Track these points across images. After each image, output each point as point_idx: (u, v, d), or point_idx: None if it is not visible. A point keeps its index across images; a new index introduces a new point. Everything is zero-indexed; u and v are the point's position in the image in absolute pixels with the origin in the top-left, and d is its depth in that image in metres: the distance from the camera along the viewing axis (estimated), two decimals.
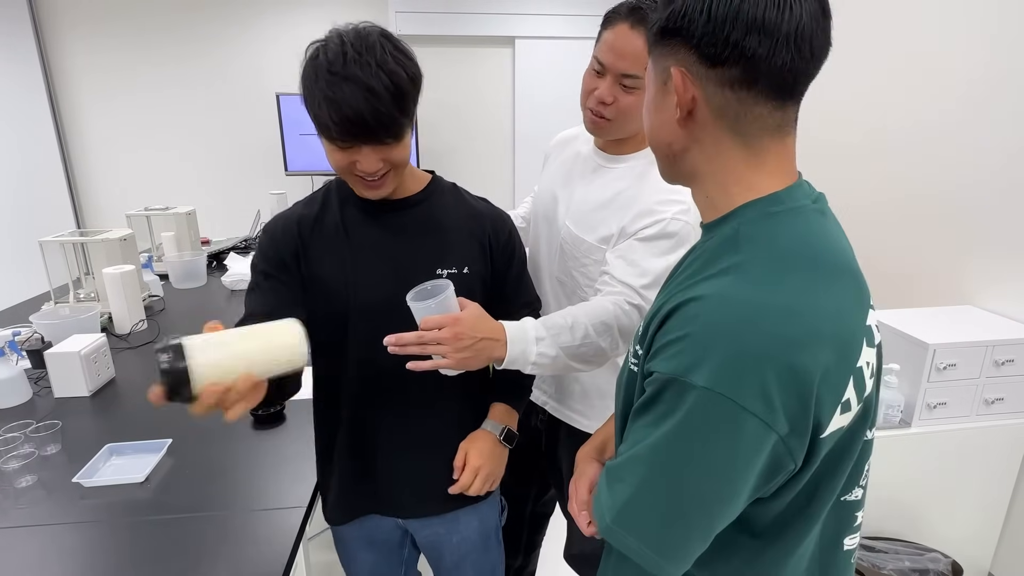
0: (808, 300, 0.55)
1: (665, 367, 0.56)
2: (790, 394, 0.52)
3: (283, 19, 3.80)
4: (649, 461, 0.58)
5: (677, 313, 0.58)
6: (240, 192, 3.95)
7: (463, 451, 1.05)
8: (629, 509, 0.59)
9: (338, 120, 0.83)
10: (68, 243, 2.03)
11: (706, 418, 0.53)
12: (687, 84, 0.59)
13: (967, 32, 1.82)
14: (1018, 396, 1.63)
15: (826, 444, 0.57)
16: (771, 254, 0.58)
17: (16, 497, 1.12)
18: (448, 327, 0.91)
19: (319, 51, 0.86)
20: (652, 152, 0.69)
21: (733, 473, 0.55)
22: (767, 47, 0.55)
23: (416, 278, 0.97)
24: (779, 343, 0.53)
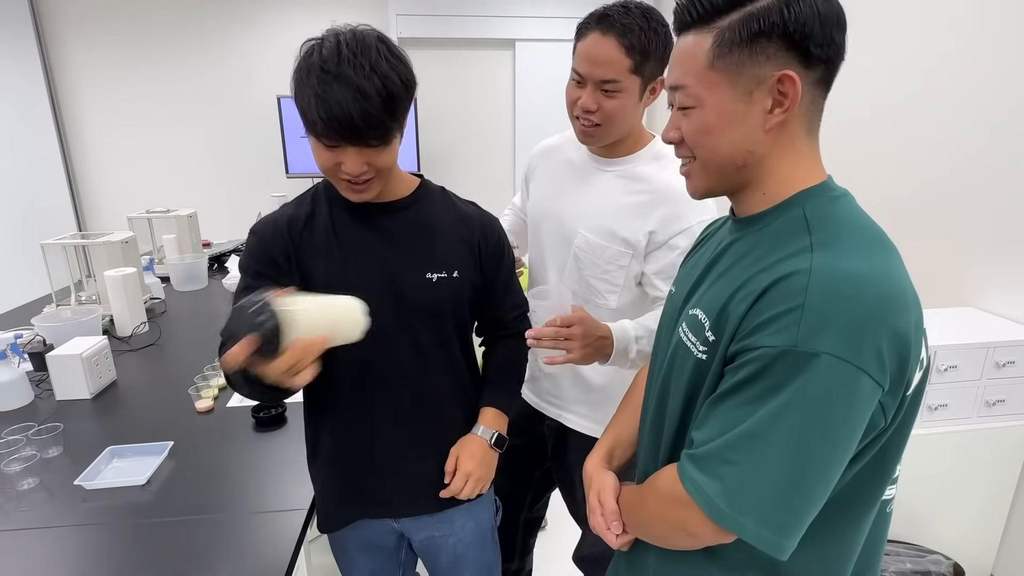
0: (892, 268, 0.60)
1: (777, 340, 0.56)
2: (894, 354, 0.56)
3: (284, 22, 3.81)
4: (763, 435, 0.57)
5: (774, 289, 0.58)
6: (241, 194, 3.95)
7: (454, 456, 1.05)
8: (746, 489, 0.58)
9: (326, 118, 0.83)
10: (69, 246, 2.03)
11: (829, 383, 0.54)
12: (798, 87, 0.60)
13: (969, 35, 1.82)
14: (1019, 398, 1.63)
15: (907, 401, 0.61)
16: (848, 231, 0.61)
17: (18, 500, 1.12)
18: (577, 325, 1.04)
19: (314, 48, 0.86)
20: (709, 168, 0.67)
21: (850, 435, 0.57)
22: (844, 41, 0.61)
23: (406, 281, 0.98)
24: (885, 308, 0.56)
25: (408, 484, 1.06)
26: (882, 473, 0.65)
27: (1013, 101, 1.68)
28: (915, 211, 2.01)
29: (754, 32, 0.59)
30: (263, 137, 3.91)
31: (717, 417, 0.61)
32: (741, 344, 0.59)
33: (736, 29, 0.60)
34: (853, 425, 0.56)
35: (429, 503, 1.07)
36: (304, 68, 0.85)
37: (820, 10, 0.58)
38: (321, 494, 1.09)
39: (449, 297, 1.01)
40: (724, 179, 0.68)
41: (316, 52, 0.85)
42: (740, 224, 0.70)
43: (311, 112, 0.84)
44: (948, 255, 1.91)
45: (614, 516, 0.77)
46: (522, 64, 4.18)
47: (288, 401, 1.44)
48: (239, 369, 0.73)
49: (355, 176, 0.89)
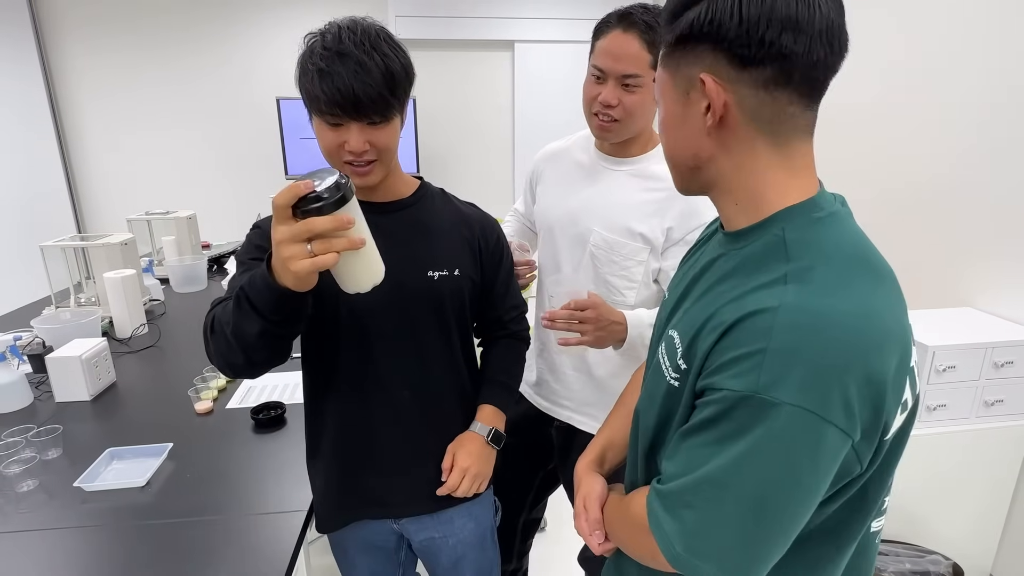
0: (873, 304, 0.56)
1: (737, 384, 0.54)
2: (866, 402, 0.53)
3: (284, 24, 3.82)
4: (723, 483, 0.55)
5: (740, 326, 0.55)
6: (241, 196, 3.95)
7: (451, 453, 1.06)
8: (704, 535, 0.57)
9: (328, 91, 0.85)
10: (69, 247, 2.03)
11: (790, 434, 0.52)
12: (719, 89, 0.58)
13: (969, 35, 1.82)
14: (1018, 398, 1.63)
15: (887, 444, 0.58)
16: (828, 260, 0.57)
17: (17, 501, 1.12)
18: (591, 309, 1.09)
19: (316, 35, 0.89)
20: (670, 163, 0.69)
21: (814, 485, 0.54)
22: (803, 44, 0.56)
23: (408, 279, 0.98)
24: (856, 352, 0.52)
25: (407, 483, 1.06)
26: (864, 509, 0.63)
27: (1014, 101, 1.68)
28: (913, 211, 2.02)
29: (680, 34, 0.60)
30: (262, 139, 3.92)
31: (683, 453, 0.60)
32: (706, 382, 0.58)
33: (669, 32, 0.62)
34: (819, 475, 0.54)
35: (428, 503, 1.07)
36: (307, 51, 0.88)
37: (743, 10, 0.56)
38: (320, 494, 1.09)
39: (450, 294, 1.02)
40: (684, 177, 0.67)
41: (319, 37, 0.88)
42: (726, 239, 0.68)
43: (315, 88, 0.86)
44: (947, 255, 1.91)
45: (596, 525, 0.77)
46: (521, 65, 4.19)
47: (288, 402, 1.45)
48: (285, 213, 0.71)
49: (358, 155, 0.90)
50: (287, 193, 0.70)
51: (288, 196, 0.70)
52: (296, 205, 0.71)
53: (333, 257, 0.72)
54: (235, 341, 0.82)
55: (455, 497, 1.06)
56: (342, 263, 0.75)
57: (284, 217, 0.72)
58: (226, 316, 0.83)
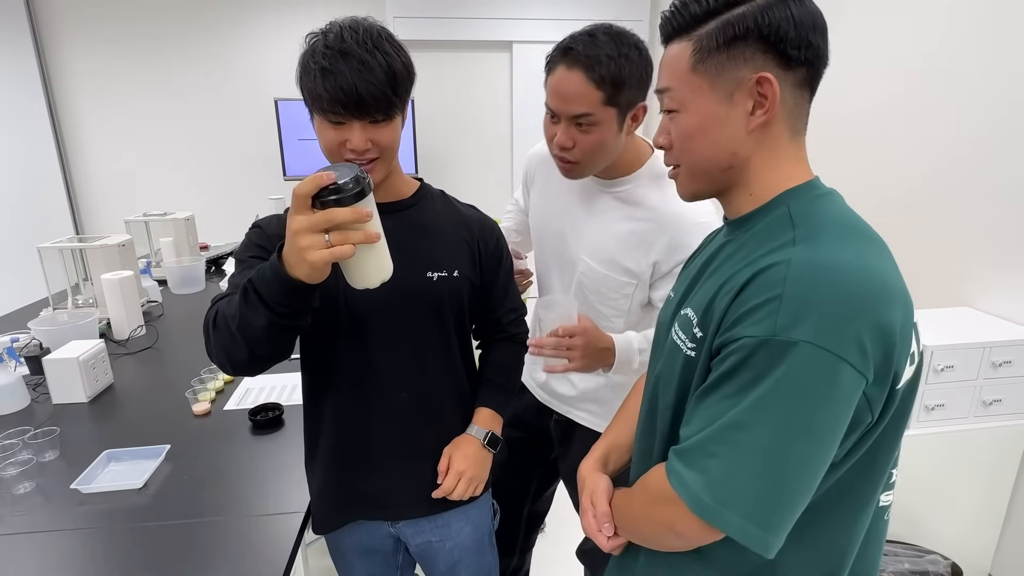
0: (876, 262, 0.60)
1: (756, 330, 0.56)
2: (878, 345, 0.55)
3: (282, 25, 3.82)
4: (744, 425, 0.56)
5: (756, 280, 0.59)
6: (239, 197, 3.95)
7: (447, 456, 1.05)
8: (730, 482, 0.57)
9: (331, 90, 0.85)
10: (67, 249, 2.03)
11: (808, 373, 0.54)
12: (777, 87, 0.62)
13: (968, 35, 1.82)
14: (1016, 397, 1.63)
15: (898, 396, 0.60)
16: (831, 226, 0.62)
17: (14, 503, 1.12)
18: (579, 335, 1.07)
19: (318, 35, 0.89)
20: (695, 171, 0.70)
21: (834, 426, 0.56)
22: (826, 46, 0.63)
23: (407, 280, 0.98)
24: (866, 298, 0.56)
25: (404, 485, 1.06)
26: (873, 472, 0.64)
27: (1011, 100, 1.69)
28: (911, 211, 2.02)
29: (730, 36, 0.62)
30: (260, 140, 3.92)
31: (702, 411, 0.61)
32: (724, 336, 0.60)
33: (714, 35, 0.63)
34: (836, 415, 0.56)
35: (425, 505, 1.07)
36: (309, 50, 0.88)
37: (795, 14, 0.61)
38: (317, 494, 1.09)
39: (449, 296, 1.02)
40: (710, 181, 0.69)
41: (321, 36, 0.89)
42: (731, 227, 0.71)
43: (317, 86, 0.86)
44: (944, 255, 1.91)
45: (605, 518, 0.77)
46: (519, 66, 4.19)
47: (286, 404, 1.44)
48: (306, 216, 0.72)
49: (360, 153, 0.90)
50: (309, 183, 0.71)
51: (310, 186, 0.71)
52: (316, 196, 0.72)
53: (350, 249, 0.73)
54: (240, 335, 0.81)
55: (451, 500, 1.06)
56: (354, 257, 0.75)
57: (303, 207, 0.72)
58: (231, 310, 0.82)
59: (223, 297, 0.89)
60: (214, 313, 0.87)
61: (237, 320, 0.81)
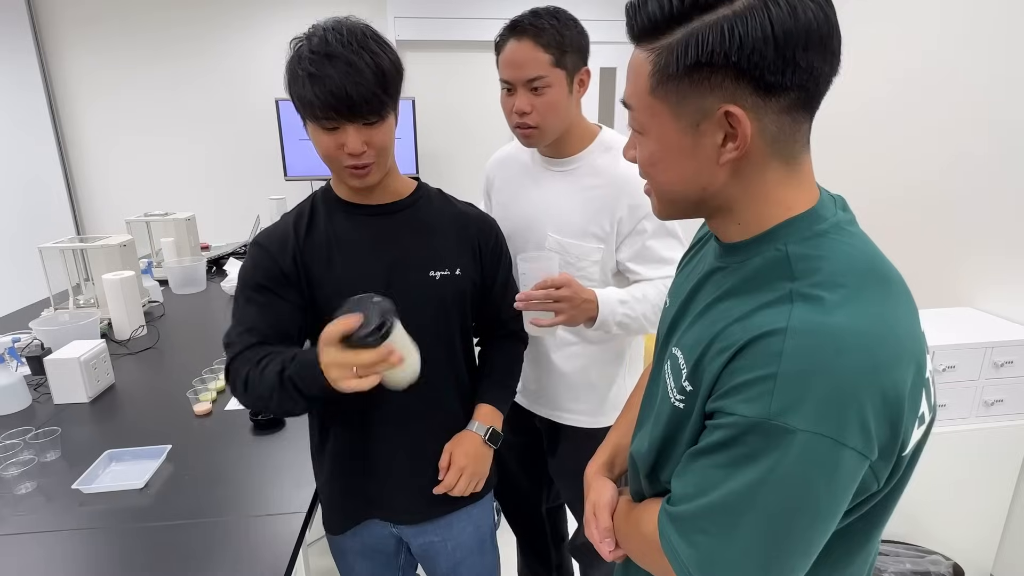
0: (886, 319, 0.53)
1: (748, 410, 0.52)
2: (883, 421, 0.51)
3: (282, 25, 3.82)
4: (737, 510, 0.53)
5: (751, 348, 0.53)
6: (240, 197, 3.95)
7: (448, 452, 1.05)
8: (719, 561, 0.55)
9: (322, 95, 0.84)
10: (68, 249, 2.03)
11: (806, 460, 0.50)
12: (747, 121, 0.52)
13: (967, 34, 1.82)
14: (1018, 397, 1.63)
15: (905, 461, 0.56)
16: (834, 276, 0.54)
17: (15, 504, 1.12)
18: (565, 287, 1.09)
19: (303, 40, 0.89)
20: (663, 197, 0.62)
21: (832, 509, 0.53)
22: (830, 63, 0.52)
23: (410, 280, 0.98)
24: (871, 372, 0.50)
25: (409, 488, 1.06)
26: (876, 522, 0.62)
27: (1012, 100, 1.68)
28: (913, 210, 2.02)
29: (691, 61, 0.51)
30: (261, 140, 3.92)
31: (694, 474, 0.58)
32: (717, 404, 0.56)
33: (675, 55, 0.52)
34: (836, 499, 0.52)
35: (430, 508, 1.07)
36: (295, 57, 0.88)
37: (776, 30, 0.49)
38: (326, 497, 1.09)
39: (452, 294, 1.02)
40: (683, 210, 0.62)
41: (305, 41, 0.88)
42: (723, 250, 0.64)
43: (307, 93, 0.85)
44: (946, 255, 1.91)
45: (607, 533, 0.75)
46: None
47: None
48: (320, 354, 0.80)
49: (357, 156, 0.90)
50: (337, 329, 0.77)
51: (337, 333, 0.77)
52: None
53: (376, 379, 0.80)
54: (277, 410, 0.95)
55: (453, 498, 1.06)
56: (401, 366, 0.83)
57: (332, 344, 0.79)
58: (265, 389, 0.88)
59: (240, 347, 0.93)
60: (244, 381, 0.90)
61: (276, 402, 0.88)
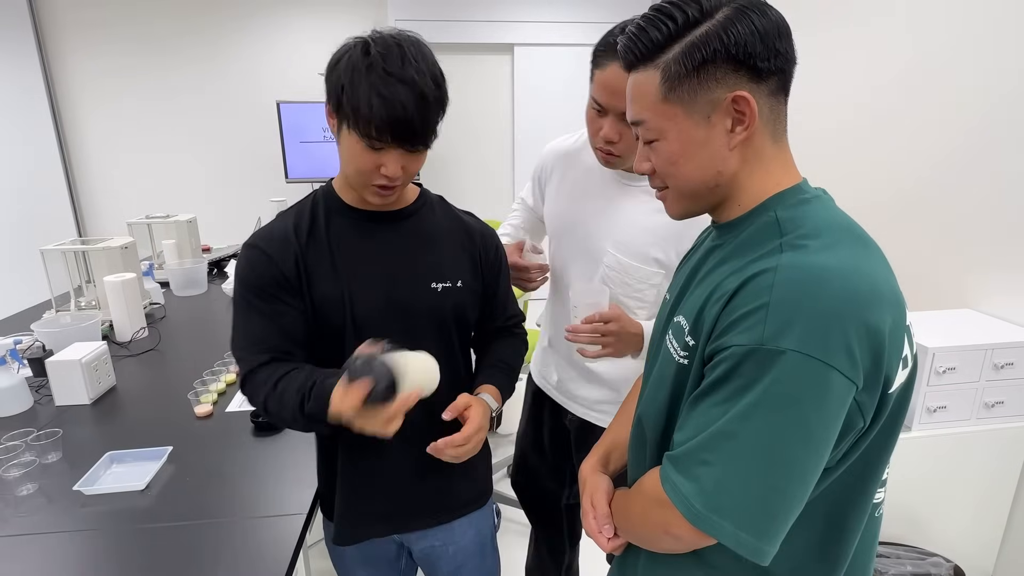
0: (864, 264, 0.59)
1: (744, 339, 0.56)
2: (866, 350, 0.55)
3: (283, 28, 3.83)
4: (734, 434, 0.56)
5: (744, 289, 0.59)
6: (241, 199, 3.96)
7: (466, 404, 0.98)
8: (722, 490, 0.57)
9: (387, 119, 0.82)
10: (69, 251, 2.04)
11: (796, 381, 0.54)
12: (755, 102, 0.61)
13: (965, 33, 1.83)
14: (1018, 399, 1.63)
15: (891, 400, 0.60)
16: (818, 230, 0.61)
17: (17, 505, 1.12)
18: (614, 322, 1.09)
19: (369, 46, 0.84)
20: (683, 193, 0.69)
21: (825, 433, 0.56)
22: (792, 48, 0.63)
23: (412, 292, 0.97)
24: (854, 302, 0.55)
25: (413, 500, 1.05)
26: (868, 476, 0.64)
27: (1012, 102, 1.69)
28: (912, 212, 2.02)
29: (698, 61, 0.61)
30: (262, 142, 3.93)
31: (695, 417, 0.61)
32: (715, 344, 0.60)
33: (680, 61, 0.62)
34: (827, 423, 0.55)
35: (431, 514, 1.07)
36: (361, 65, 0.82)
37: (759, 26, 0.60)
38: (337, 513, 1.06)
39: (453, 307, 1.01)
40: (699, 200, 0.69)
41: (373, 50, 0.83)
42: (720, 230, 0.71)
43: (368, 112, 0.82)
44: (946, 257, 1.91)
45: (606, 519, 0.77)
46: (521, 68, 4.20)
47: None
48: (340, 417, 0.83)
49: (392, 179, 0.89)
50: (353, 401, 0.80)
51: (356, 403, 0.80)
52: None
53: (399, 423, 0.84)
54: (302, 429, 0.95)
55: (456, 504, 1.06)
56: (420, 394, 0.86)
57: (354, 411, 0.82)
58: (287, 415, 0.90)
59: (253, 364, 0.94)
60: (263, 401, 0.92)
61: (302, 424, 0.91)
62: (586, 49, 1.20)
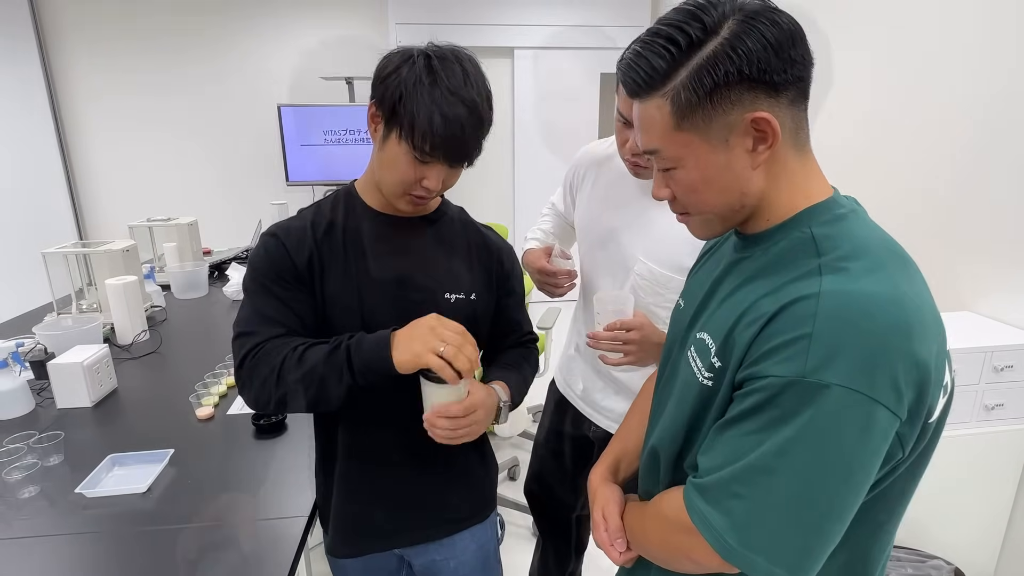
0: (909, 290, 0.56)
1: (783, 369, 0.53)
2: (912, 384, 0.53)
3: (285, 32, 3.84)
4: (772, 469, 0.54)
5: (783, 314, 0.55)
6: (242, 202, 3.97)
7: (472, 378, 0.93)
8: (757, 526, 0.55)
9: (444, 136, 0.82)
10: (71, 254, 2.04)
11: (840, 417, 0.51)
12: (775, 120, 0.57)
13: (965, 36, 1.83)
14: (1018, 402, 1.63)
15: (931, 429, 0.58)
16: (859, 251, 0.58)
17: (19, 508, 1.12)
18: (636, 331, 1.10)
19: (432, 60, 0.84)
20: (708, 218, 0.66)
21: (866, 469, 0.53)
22: (808, 54, 0.59)
23: (425, 300, 0.96)
24: (901, 334, 0.53)
25: (415, 515, 1.05)
26: (897, 501, 0.62)
27: (1012, 105, 1.69)
28: (911, 215, 2.02)
29: (709, 87, 0.56)
30: (263, 145, 3.93)
31: (724, 444, 0.58)
32: (748, 371, 0.57)
33: (690, 88, 0.57)
34: (869, 459, 0.53)
35: (434, 530, 1.07)
36: (426, 79, 0.83)
37: (770, 38, 0.55)
38: (330, 520, 1.06)
39: (465, 319, 0.97)
40: (725, 223, 0.66)
41: (436, 63, 0.84)
42: (745, 241, 0.67)
43: (429, 127, 0.82)
44: (945, 259, 1.91)
45: (618, 533, 0.74)
46: (521, 72, 4.21)
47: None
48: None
49: (432, 192, 0.90)
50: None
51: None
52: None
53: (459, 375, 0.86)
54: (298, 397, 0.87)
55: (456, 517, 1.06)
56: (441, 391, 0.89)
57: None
58: (304, 368, 0.86)
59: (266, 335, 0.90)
60: (274, 364, 0.87)
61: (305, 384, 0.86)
62: (586, 53, 1.22)
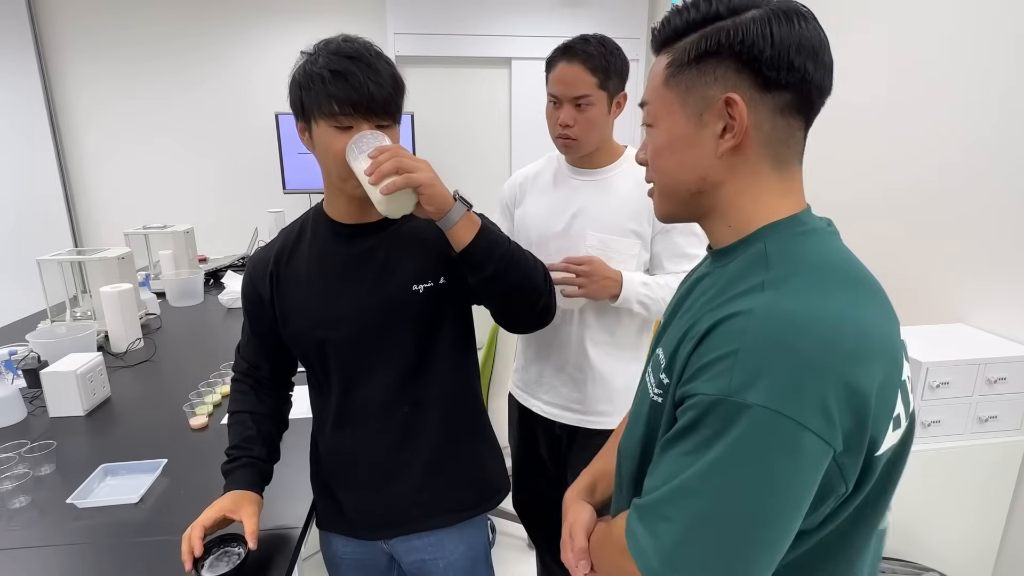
0: (854, 313, 0.53)
1: (710, 387, 0.52)
2: (846, 410, 0.50)
3: (282, 39, 3.85)
4: (696, 492, 0.52)
5: (716, 330, 0.54)
6: (238, 210, 3.96)
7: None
8: (681, 550, 0.53)
9: (343, 90, 0.86)
10: (66, 261, 2.03)
11: (762, 440, 0.49)
12: (744, 107, 0.57)
13: (959, 36, 1.85)
14: (1011, 413, 1.63)
15: (880, 463, 0.55)
16: (808, 270, 0.56)
17: (9, 518, 1.11)
18: (587, 264, 1.26)
19: (320, 44, 0.91)
20: (665, 190, 0.66)
21: (794, 496, 0.51)
22: (820, 72, 0.58)
23: (392, 297, 0.98)
24: (835, 356, 0.50)
25: (396, 504, 1.06)
26: (857, 536, 0.59)
27: (1003, 108, 1.71)
28: (904, 226, 2.03)
29: (702, 51, 0.58)
30: (260, 153, 3.93)
31: (664, 464, 0.57)
32: (684, 388, 0.56)
33: (687, 48, 0.59)
34: (798, 486, 0.50)
35: (416, 522, 1.08)
36: (310, 60, 0.90)
37: (775, 33, 0.55)
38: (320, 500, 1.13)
39: (437, 305, 1.01)
40: (682, 204, 0.65)
41: (322, 45, 0.91)
42: (713, 257, 0.67)
43: (326, 89, 0.86)
44: (938, 271, 1.92)
45: (582, 555, 0.73)
46: (518, 82, 4.23)
47: None
48: None
49: None
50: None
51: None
52: None
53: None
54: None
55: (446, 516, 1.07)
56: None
57: None
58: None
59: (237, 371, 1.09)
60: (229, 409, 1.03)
61: None
62: None
